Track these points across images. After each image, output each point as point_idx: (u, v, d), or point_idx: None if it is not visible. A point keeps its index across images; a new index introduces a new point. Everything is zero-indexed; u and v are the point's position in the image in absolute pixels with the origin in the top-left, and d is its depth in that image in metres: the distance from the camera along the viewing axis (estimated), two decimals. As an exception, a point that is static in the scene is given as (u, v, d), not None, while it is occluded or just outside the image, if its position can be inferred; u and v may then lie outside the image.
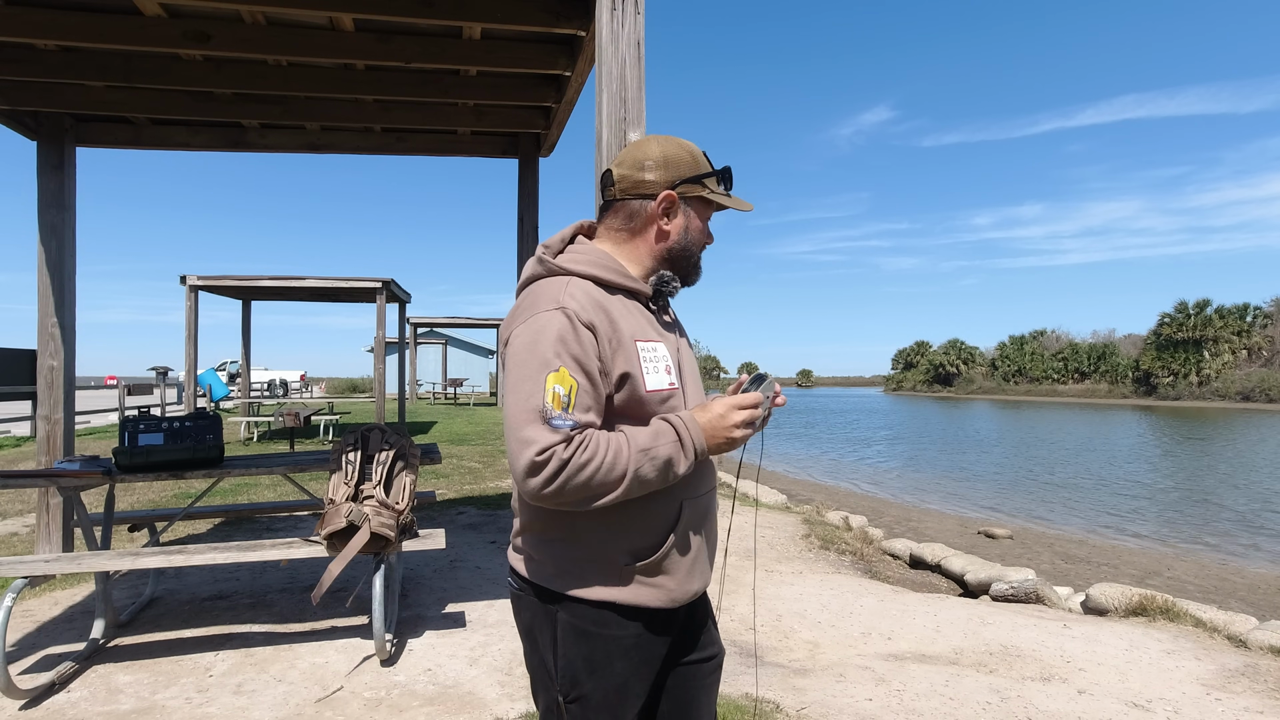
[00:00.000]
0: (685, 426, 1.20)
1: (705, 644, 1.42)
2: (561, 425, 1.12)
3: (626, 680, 1.25)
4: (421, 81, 4.55)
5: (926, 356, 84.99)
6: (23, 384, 13.31)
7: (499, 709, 2.77)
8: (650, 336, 1.27)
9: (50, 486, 3.68)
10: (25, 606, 3.94)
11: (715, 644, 1.45)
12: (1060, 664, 3.42)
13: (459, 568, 4.73)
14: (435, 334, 30.33)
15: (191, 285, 11.73)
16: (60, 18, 3.61)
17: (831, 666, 3.34)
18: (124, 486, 7.32)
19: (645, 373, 1.22)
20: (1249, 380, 49.85)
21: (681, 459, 1.19)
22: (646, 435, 1.18)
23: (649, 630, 1.27)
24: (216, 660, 3.22)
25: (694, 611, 1.40)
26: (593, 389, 1.17)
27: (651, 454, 1.16)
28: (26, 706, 2.76)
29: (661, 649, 1.31)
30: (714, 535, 1.40)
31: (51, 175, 4.77)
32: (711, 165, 1.35)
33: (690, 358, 1.40)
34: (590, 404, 1.17)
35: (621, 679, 1.24)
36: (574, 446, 1.12)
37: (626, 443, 1.16)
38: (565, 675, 1.24)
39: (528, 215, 5.55)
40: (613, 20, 2.84)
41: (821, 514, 7.67)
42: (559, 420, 1.13)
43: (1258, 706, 2.98)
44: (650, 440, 1.17)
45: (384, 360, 11.85)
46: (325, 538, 3.16)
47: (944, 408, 46.31)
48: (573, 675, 1.23)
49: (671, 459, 1.17)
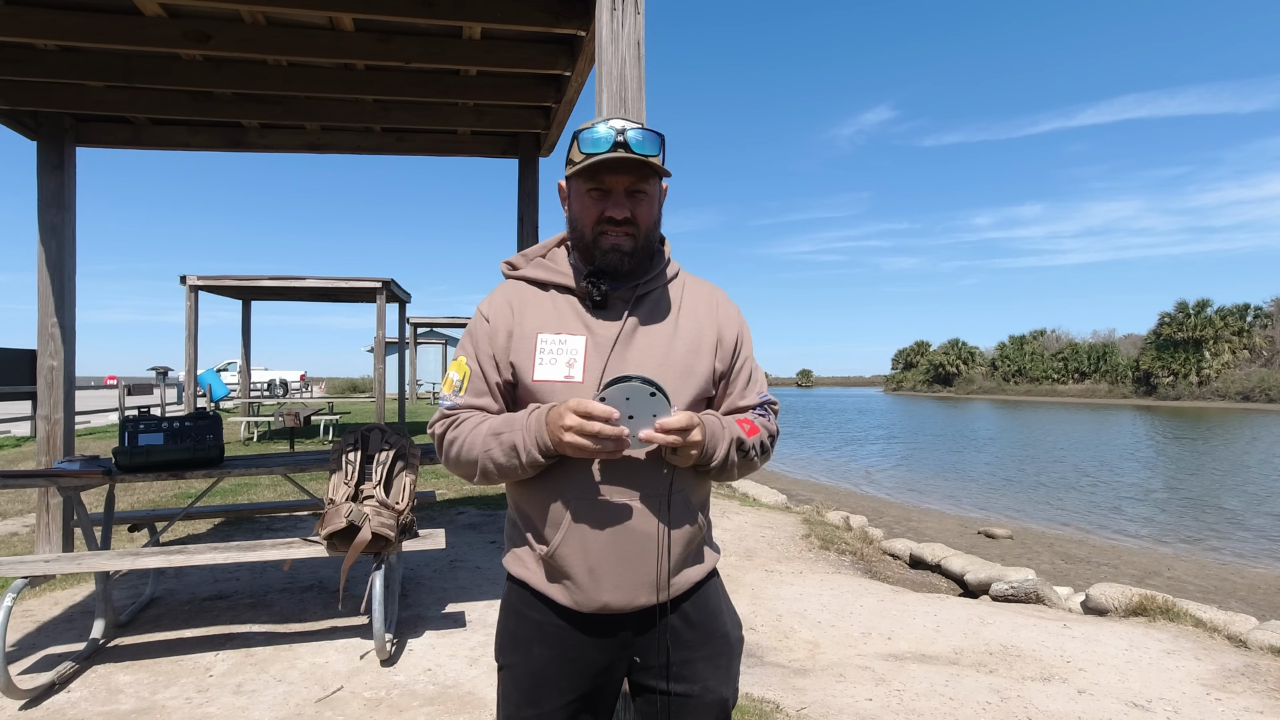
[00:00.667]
0: (534, 417, 1.21)
1: (686, 677, 1.31)
2: (444, 404, 1.33)
3: (544, 668, 1.29)
4: (421, 81, 4.54)
5: (926, 356, 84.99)
6: (23, 384, 13.31)
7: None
8: (561, 329, 1.28)
9: (50, 486, 3.68)
10: (25, 606, 3.94)
11: (701, 680, 1.31)
12: (1060, 664, 3.42)
13: (459, 568, 4.73)
14: (435, 334, 30.32)
15: (191, 285, 11.73)
16: (60, 18, 3.61)
17: (831, 666, 3.34)
18: (124, 486, 7.32)
19: (537, 364, 1.27)
20: (1249, 380, 49.85)
21: (523, 448, 1.20)
22: (501, 421, 1.26)
23: (573, 628, 1.28)
24: (216, 660, 3.21)
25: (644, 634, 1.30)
26: (484, 376, 1.31)
27: (501, 439, 1.23)
28: (26, 706, 2.76)
29: (593, 654, 1.28)
30: (641, 551, 1.24)
31: (51, 175, 4.77)
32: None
33: (645, 347, 1.29)
34: (483, 389, 1.31)
35: (539, 664, 1.30)
36: (447, 424, 1.31)
37: (487, 426, 1.25)
38: (498, 642, 1.37)
39: (528, 215, 5.55)
40: (613, 20, 2.84)
41: (821, 514, 7.67)
42: (445, 401, 1.34)
43: (1258, 706, 2.98)
44: (503, 425, 1.24)
45: (384, 360, 11.85)
46: (325, 538, 3.16)
47: (944, 408, 46.30)
48: (501, 644, 1.36)
49: (516, 445, 1.21)
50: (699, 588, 1.35)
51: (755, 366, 1.42)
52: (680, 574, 1.31)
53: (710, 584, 1.39)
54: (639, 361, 1.27)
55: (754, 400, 1.38)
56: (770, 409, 1.39)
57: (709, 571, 1.38)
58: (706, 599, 1.36)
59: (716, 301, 1.40)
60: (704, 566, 1.37)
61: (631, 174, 1.26)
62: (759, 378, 1.41)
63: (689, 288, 1.40)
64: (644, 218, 1.29)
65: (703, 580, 1.36)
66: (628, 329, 1.30)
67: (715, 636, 1.35)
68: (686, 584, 1.32)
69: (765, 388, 1.42)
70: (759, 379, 1.41)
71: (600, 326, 1.30)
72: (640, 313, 1.32)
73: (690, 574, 1.33)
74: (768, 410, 1.38)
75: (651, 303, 1.34)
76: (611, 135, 1.22)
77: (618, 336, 1.28)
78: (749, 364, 1.40)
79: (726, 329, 1.37)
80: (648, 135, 1.25)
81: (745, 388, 1.38)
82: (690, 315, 1.36)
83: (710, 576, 1.39)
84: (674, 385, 1.25)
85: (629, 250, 1.28)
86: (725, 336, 1.36)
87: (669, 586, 1.28)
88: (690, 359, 1.31)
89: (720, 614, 1.38)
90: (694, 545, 1.34)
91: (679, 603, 1.32)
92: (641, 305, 1.33)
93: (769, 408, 1.39)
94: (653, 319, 1.32)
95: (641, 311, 1.32)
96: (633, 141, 1.23)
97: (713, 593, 1.39)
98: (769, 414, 1.38)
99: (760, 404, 1.38)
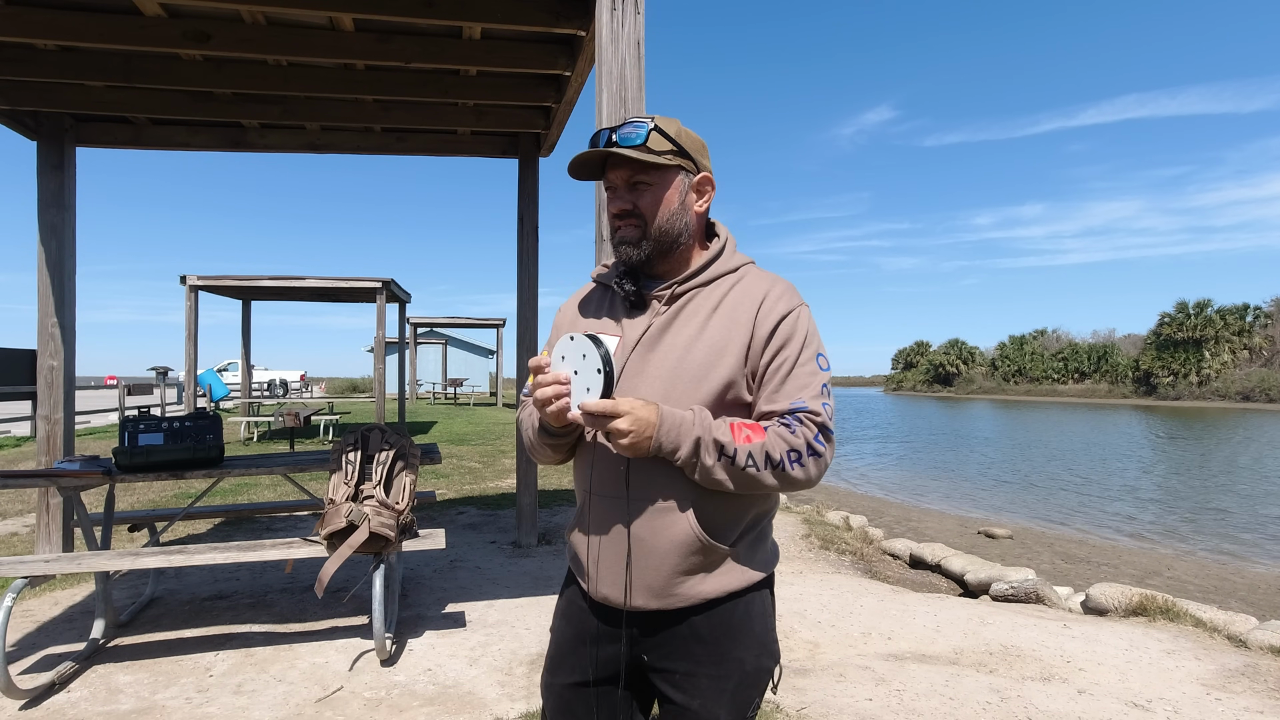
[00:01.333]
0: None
1: (688, 689, 1.27)
2: (524, 392, 1.45)
3: (565, 641, 1.38)
4: (421, 81, 4.55)
5: (926, 356, 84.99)
6: (23, 384, 13.30)
7: (499, 709, 2.77)
8: (602, 329, 1.33)
9: (50, 486, 3.68)
10: (25, 606, 3.94)
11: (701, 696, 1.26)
12: (1060, 664, 3.42)
13: (459, 568, 4.73)
14: (435, 334, 30.33)
15: (191, 285, 11.74)
16: (60, 18, 3.61)
17: (831, 666, 3.34)
18: (124, 486, 7.32)
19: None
20: (1249, 380, 49.87)
21: (535, 421, 1.33)
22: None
23: (591, 613, 1.33)
24: (216, 660, 3.21)
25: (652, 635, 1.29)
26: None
27: (530, 418, 1.37)
28: (26, 706, 2.76)
29: (604, 642, 1.31)
30: (630, 551, 1.23)
31: (51, 175, 4.77)
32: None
33: (666, 350, 1.26)
34: None
35: (562, 636, 1.39)
36: (520, 410, 1.47)
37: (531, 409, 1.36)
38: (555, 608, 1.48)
39: (528, 215, 5.55)
40: (613, 20, 2.84)
41: (821, 514, 7.67)
42: (525, 390, 1.43)
43: (1258, 706, 2.98)
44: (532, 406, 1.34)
45: (384, 360, 11.85)
46: (325, 538, 3.16)
47: (944, 408, 46.30)
48: (555, 609, 1.47)
49: (533, 423, 1.34)
50: (717, 604, 1.26)
51: (802, 371, 1.23)
52: (685, 583, 1.23)
53: (735, 603, 1.27)
54: (658, 365, 1.25)
55: (783, 406, 1.22)
56: (807, 420, 1.20)
57: (734, 590, 1.26)
58: (726, 618, 1.27)
59: (764, 298, 1.26)
60: (726, 582, 1.25)
61: (627, 167, 1.26)
62: (803, 383, 1.23)
63: (743, 285, 1.29)
64: (648, 208, 1.26)
65: (723, 597, 1.26)
66: (654, 330, 1.27)
67: (727, 660, 1.26)
68: (696, 596, 1.24)
69: (811, 396, 1.22)
70: (802, 385, 1.22)
71: (631, 327, 1.30)
72: (673, 313, 1.28)
73: (702, 587, 1.24)
74: (800, 420, 1.20)
75: (689, 302, 1.28)
76: (605, 134, 1.26)
77: (640, 338, 1.27)
78: (786, 366, 1.23)
79: (762, 328, 1.24)
80: (638, 127, 1.25)
81: (776, 391, 1.23)
82: (726, 316, 1.26)
83: (735, 595, 1.27)
84: (684, 391, 1.22)
85: (634, 241, 1.27)
86: (758, 336, 1.24)
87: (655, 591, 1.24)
88: (708, 365, 1.23)
89: (740, 637, 1.27)
90: (708, 557, 1.24)
91: (688, 614, 1.26)
92: (677, 305, 1.28)
93: (806, 418, 1.20)
94: (684, 320, 1.27)
95: (675, 312, 1.28)
96: (620, 137, 1.24)
97: (737, 613, 1.27)
98: (801, 425, 1.19)
99: (789, 411, 1.21)
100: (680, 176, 1.28)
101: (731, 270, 1.32)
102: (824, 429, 1.21)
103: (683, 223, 1.29)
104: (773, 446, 1.17)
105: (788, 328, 1.25)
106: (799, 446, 1.18)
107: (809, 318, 1.29)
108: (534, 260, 5.59)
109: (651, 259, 1.29)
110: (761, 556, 1.31)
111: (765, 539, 1.34)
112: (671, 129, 1.27)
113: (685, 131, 1.30)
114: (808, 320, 1.28)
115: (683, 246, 1.31)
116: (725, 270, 1.32)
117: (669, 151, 1.26)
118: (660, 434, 1.15)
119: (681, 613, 1.26)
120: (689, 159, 1.28)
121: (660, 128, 1.26)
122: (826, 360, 1.28)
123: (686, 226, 1.30)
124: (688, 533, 1.22)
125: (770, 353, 1.24)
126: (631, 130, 1.25)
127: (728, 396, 1.24)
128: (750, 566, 1.28)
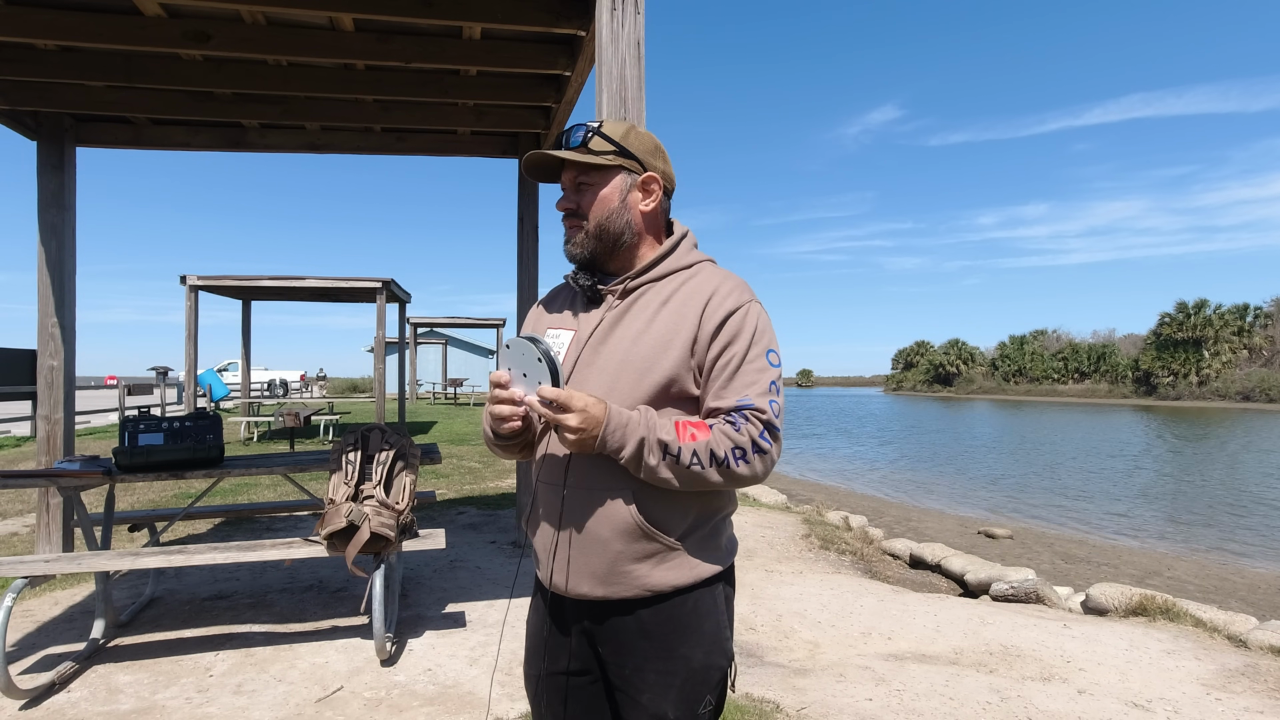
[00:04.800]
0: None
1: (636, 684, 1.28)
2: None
3: (534, 633, 1.41)
4: (421, 81, 4.55)
5: (927, 356, 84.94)
6: (23, 384, 13.31)
7: (499, 709, 2.77)
8: (561, 324, 1.38)
9: (50, 486, 3.68)
10: (25, 606, 3.94)
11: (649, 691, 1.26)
12: (1060, 664, 3.42)
13: (459, 568, 4.73)
14: (435, 334, 30.33)
15: (191, 285, 11.72)
16: (60, 18, 3.61)
17: (831, 666, 3.34)
18: (124, 486, 7.32)
19: None
20: (1249, 380, 49.83)
21: (487, 428, 1.36)
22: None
23: (549, 603, 1.37)
24: (216, 660, 3.22)
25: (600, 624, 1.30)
26: None
27: (485, 420, 1.36)
28: (26, 706, 2.76)
29: (564, 632, 1.35)
30: (573, 538, 1.26)
31: (51, 175, 4.77)
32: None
33: (615, 343, 1.27)
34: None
35: (532, 628, 1.43)
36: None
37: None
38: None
39: (528, 215, 5.55)
40: (613, 20, 2.84)
41: (821, 514, 7.66)
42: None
43: (1258, 706, 2.98)
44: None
45: (384, 360, 11.85)
46: (325, 538, 3.16)
47: (944, 407, 46.29)
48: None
49: (485, 430, 1.38)
50: (664, 599, 1.26)
51: (750, 367, 1.23)
52: (629, 571, 1.24)
53: (683, 599, 1.26)
54: (607, 358, 1.27)
55: (729, 403, 1.21)
56: (753, 417, 1.20)
57: (681, 585, 1.26)
58: (673, 614, 1.26)
59: (713, 294, 1.25)
60: (673, 577, 1.25)
61: (572, 168, 1.32)
62: (750, 380, 1.22)
63: (694, 281, 1.29)
64: (588, 206, 1.31)
65: (670, 592, 1.25)
66: (605, 325, 1.30)
67: (674, 657, 1.25)
68: (640, 585, 1.24)
69: (758, 393, 1.22)
70: (749, 382, 1.22)
71: (585, 321, 1.34)
72: (624, 307, 1.30)
73: (648, 578, 1.24)
74: (746, 418, 1.20)
75: (640, 297, 1.30)
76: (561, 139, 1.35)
77: (592, 332, 1.30)
78: (734, 362, 1.23)
79: (709, 323, 1.23)
80: (581, 131, 1.31)
81: (723, 388, 1.22)
82: (674, 310, 1.26)
83: (683, 591, 1.26)
84: (629, 384, 1.23)
85: (577, 240, 1.33)
86: (705, 330, 1.23)
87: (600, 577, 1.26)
88: (653, 358, 1.23)
89: (688, 635, 1.26)
90: (651, 544, 1.24)
91: (636, 606, 1.26)
92: (629, 299, 1.31)
93: (753, 415, 1.20)
94: (634, 315, 1.28)
95: (626, 306, 1.30)
96: (570, 140, 1.32)
97: (686, 610, 1.26)
98: (746, 422, 1.19)
99: (736, 408, 1.21)
100: (621, 176, 1.31)
101: (685, 267, 1.33)
102: (770, 426, 1.21)
103: (624, 221, 1.31)
104: (717, 444, 1.18)
105: (735, 323, 1.24)
106: (743, 444, 1.19)
107: (759, 313, 1.28)
108: (534, 260, 5.59)
109: (596, 256, 1.33)
110: (714, 554, 1.31)
111: (719, 535, 1.32)
112: (617, 131, 1.31)
113: (636, 133, 1.34)
114: (757, 316, 1.27)
115: (629, 244, 1.33)
116: (678, 266, 1.33)
117: (609, 152, 1.30)
118: (605, 432, 1.16)
119: (629, 604, 1.26)
120: (633, 159, 1.31)
121: (603, 131, 1.31)
122: (778, 356, 1.28)
123: (629, 225, 1.32)
124: (628, 519, 1.23)
125: (717, 348, 1.24)
126: (576, 134, 1.31)
127: (672, 390, 1.24)
128: (701, 561, 1.28)
